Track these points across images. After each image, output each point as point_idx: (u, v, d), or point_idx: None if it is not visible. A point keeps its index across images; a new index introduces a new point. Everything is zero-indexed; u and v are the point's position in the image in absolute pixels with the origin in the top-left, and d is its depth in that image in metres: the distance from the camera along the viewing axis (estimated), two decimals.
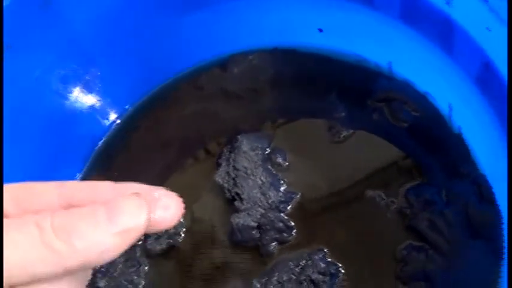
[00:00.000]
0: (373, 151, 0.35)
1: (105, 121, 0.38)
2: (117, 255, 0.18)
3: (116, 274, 0.34)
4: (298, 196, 0.34)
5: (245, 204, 0.34)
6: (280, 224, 0.33)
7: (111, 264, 0.34)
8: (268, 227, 0.33)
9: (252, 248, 0.33)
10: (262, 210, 0.33)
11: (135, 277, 0.34)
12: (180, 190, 0.36)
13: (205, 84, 0.39)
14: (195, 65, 0.39)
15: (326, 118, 0.36)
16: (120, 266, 0.34)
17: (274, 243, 0.33)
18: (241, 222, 0.33)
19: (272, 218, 0.33)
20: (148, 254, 0.35)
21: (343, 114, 0.36)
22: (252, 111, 0.38)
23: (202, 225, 0.36)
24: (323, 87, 0.37)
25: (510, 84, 0.20)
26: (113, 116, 0.39)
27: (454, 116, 0.33)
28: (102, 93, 0.37)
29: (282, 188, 0.34)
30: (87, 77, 0.36)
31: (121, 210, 0.18)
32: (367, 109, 0.36)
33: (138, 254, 0.35)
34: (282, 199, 0.34)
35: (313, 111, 0.37)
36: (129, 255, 0.35)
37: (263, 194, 0.34)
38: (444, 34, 0.28)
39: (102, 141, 0.38)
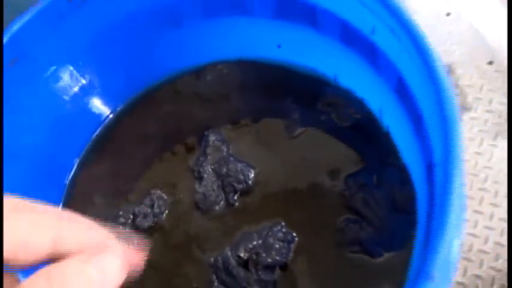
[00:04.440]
0: (322, 145, 0.42)
1: (100, 117, 0.45)
2: None
3: None
4: (259, 178, 0.42)
5: (205, 181, 0.41)
6: (240, 176, 0.41)
7: None
8: (228, 182, 0.41)
9: (224, 218, 0.41)
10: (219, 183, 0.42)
11: None
12: (161, 177, 0.43)
13: (182, 88, 0.46)
14: (175, 72, 0.46)
15: (283, 118, 0.44)
16: None
17: (235, 194, 0.41)
18: (201, 194, 0.41)
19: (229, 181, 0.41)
20: (137, 230, 0.41)
21: (297, 115, 0.44)
22: (221, 112, 0.45)
23: (180, 206, 0.43)
24: (281, 93, 0.44)
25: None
26: (106, 113, 0.46)
27: (384, 118, 0.41)
28: (99, 94, 0.44)
29: (242, 169, 0.42)
30: (84, 81, 0.43)
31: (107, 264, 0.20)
32: (317, 111, 0.43)
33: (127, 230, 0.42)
34: (241, 177, 0.41)
35: (273, 113, 0.44)
36: (119, 231, 0.41)
37: (227, 174, 0.42)
38: (372, 55, 0.36)
39: (96, 134, 0.45)
